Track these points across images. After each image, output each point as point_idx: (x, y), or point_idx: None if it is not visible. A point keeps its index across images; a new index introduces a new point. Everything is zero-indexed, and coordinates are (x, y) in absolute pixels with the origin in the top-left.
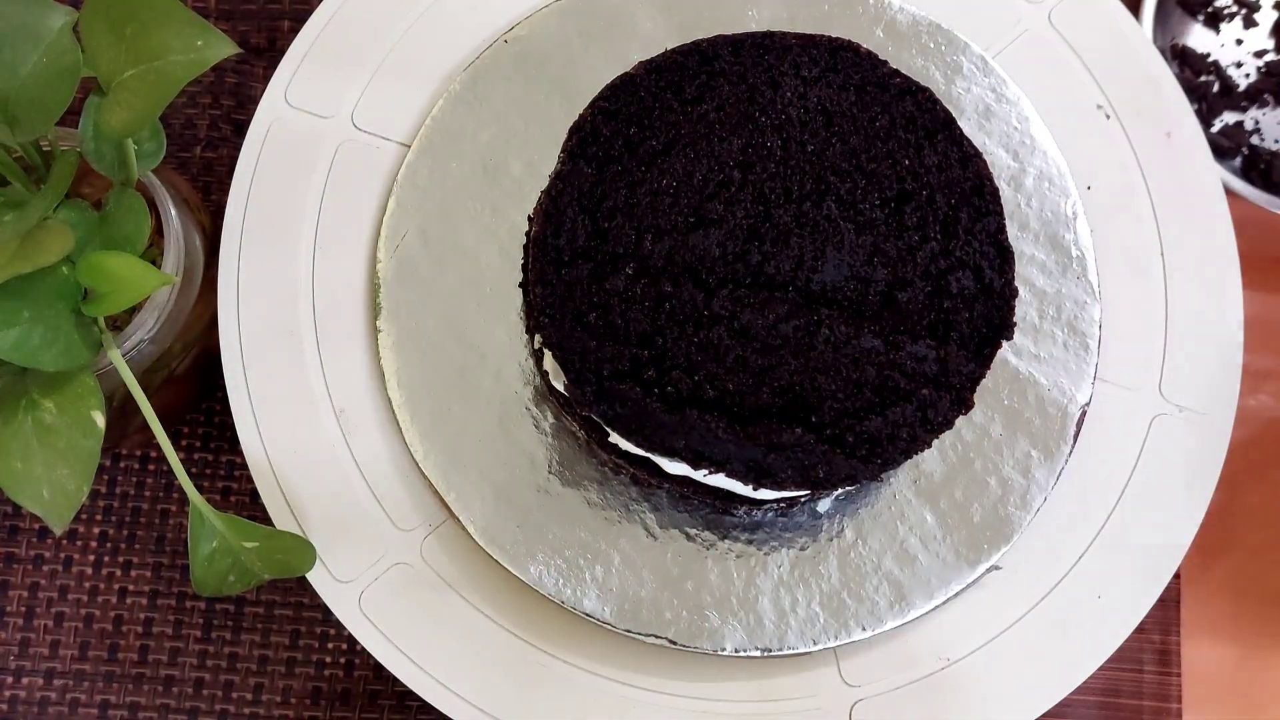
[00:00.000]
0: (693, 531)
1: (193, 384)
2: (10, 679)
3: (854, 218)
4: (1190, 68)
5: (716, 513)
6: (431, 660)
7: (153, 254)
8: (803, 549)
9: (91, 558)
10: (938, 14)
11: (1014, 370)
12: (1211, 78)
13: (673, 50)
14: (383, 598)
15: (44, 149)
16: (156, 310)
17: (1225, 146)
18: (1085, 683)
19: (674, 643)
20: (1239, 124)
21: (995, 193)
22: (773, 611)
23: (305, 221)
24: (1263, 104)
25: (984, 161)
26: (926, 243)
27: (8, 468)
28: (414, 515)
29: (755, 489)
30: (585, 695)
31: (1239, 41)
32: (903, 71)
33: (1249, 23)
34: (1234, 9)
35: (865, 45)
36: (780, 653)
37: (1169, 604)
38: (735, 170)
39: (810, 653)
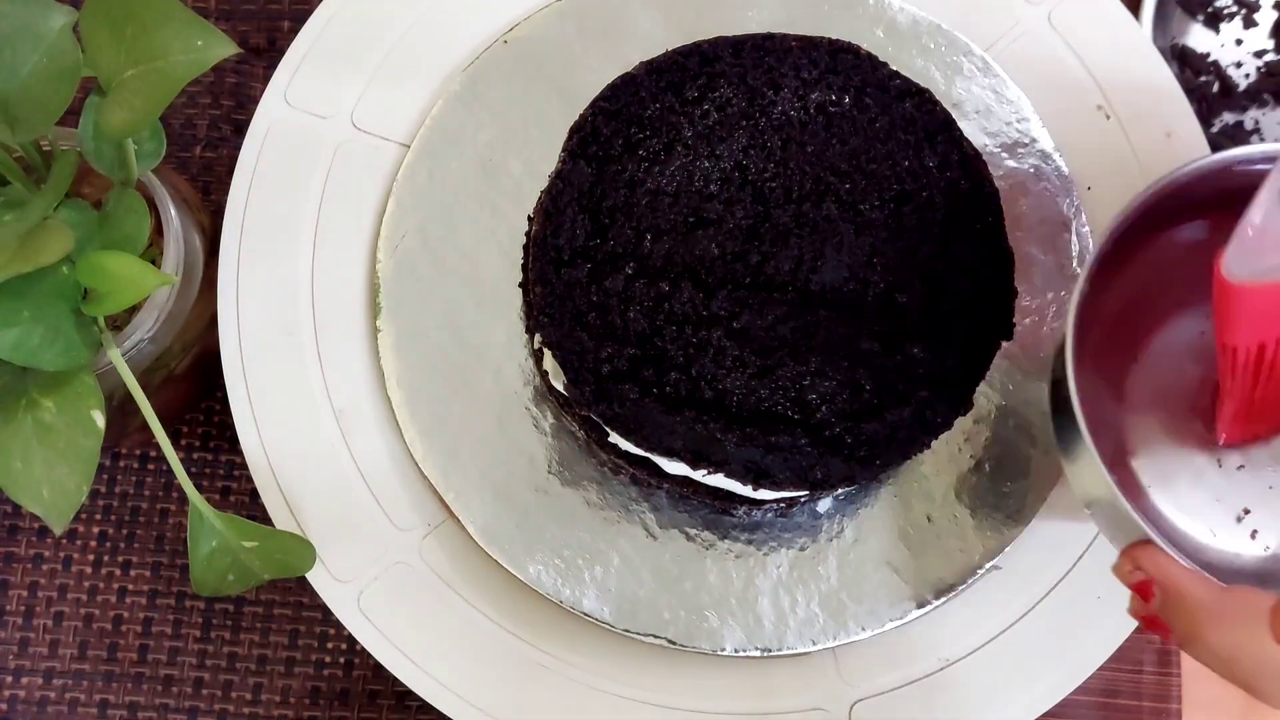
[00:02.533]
0: (692, 531)
1: (192, 384)
2: (9, 678)
3: (853, 219)
4: (1190, 68)
5: (716, 513)
6: (431, 660)
7: (152, 254)
8: (802, 549)
9: (91, 557)
10: (938, 14)
11: (1014, 370)
12: (1211, 78)
13: (673, 51)
14: (382, 597)
15: (44, 149)
16: (156, 310)
17: (1225, 146)
18: (1085, 683)
19: (673, 643)
20: (1239, 124)
21: (995, 194)
22: (772, 612)
23: (305, 221)
24: (1263, 104)
25: (984, 162)
26: (926, 244)
27: (7, 467)
28: (413, 515)
29: (754, 489)
30: (584, 695)
31: (1239, 41)
32: (902, 73)
33: (1249, 23)
34: (1234, 9)
35: (865, 46)
36: (779, 653)
37: None
38: (735, 171)
39: (809, 653)
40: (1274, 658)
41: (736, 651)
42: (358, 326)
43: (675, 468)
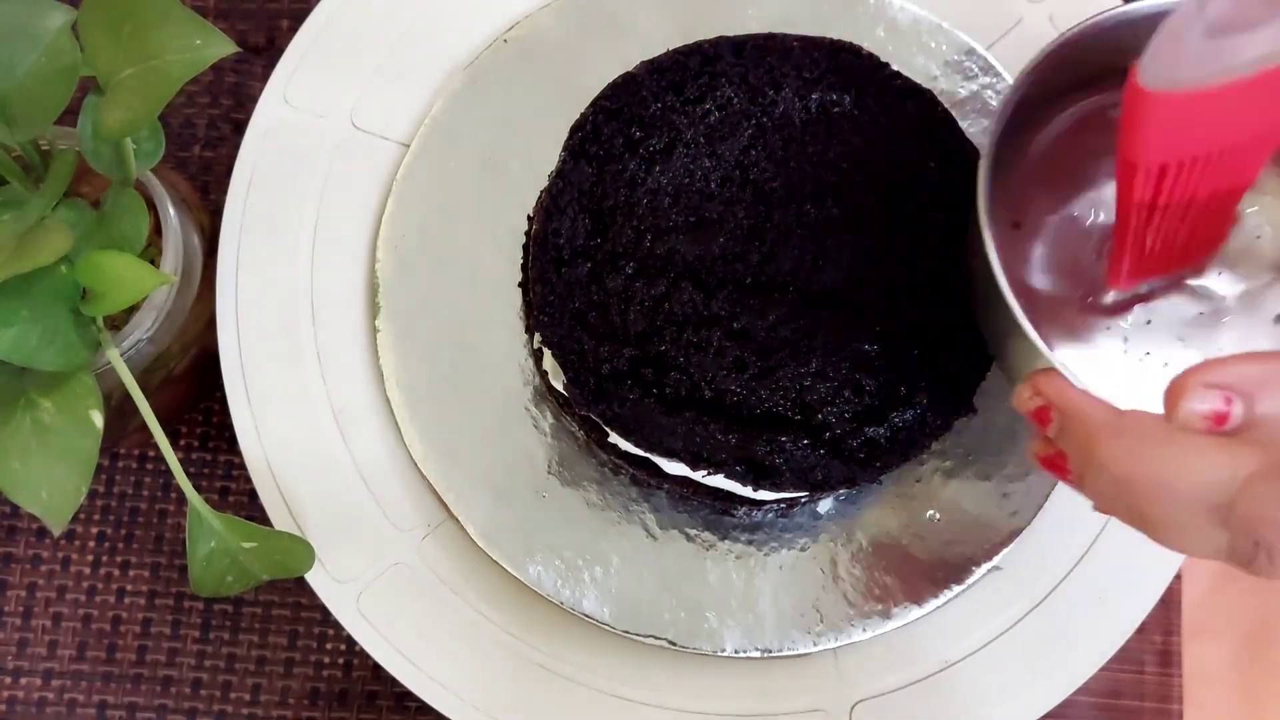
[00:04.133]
0: (692, 532)
1: (191, 384)
2: (8, 679)
3: (854, 219)
4: None
5: (716, 513)
6: (430, 661)
7: (151, 253)
8: (803, 549)
9: (89, 558)
10: (938, 13)
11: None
12: None
13: (675, 50)
14: (381, 598)
15: (42, 148)
16: (155, 310)
17: None
18: (1086, 683)
19: (673, 643)
20: None
21: None
22: (772, 612)
23: (304, 221)
24: None
25: None
26: (927, 245)
27: (6, 468)
28: (413, 515)
29: (754, 490)
30: (584, 696)
31: None
32: (903, 72)
33: None
34: None
35: (865, 44)
36: (780, 653)
37: (1170, 604)
38: (736, 170)
39: (810, 653)
40: (1167, 472)
41: (737, 652)
42: (357, 326)
43: (675, 468)
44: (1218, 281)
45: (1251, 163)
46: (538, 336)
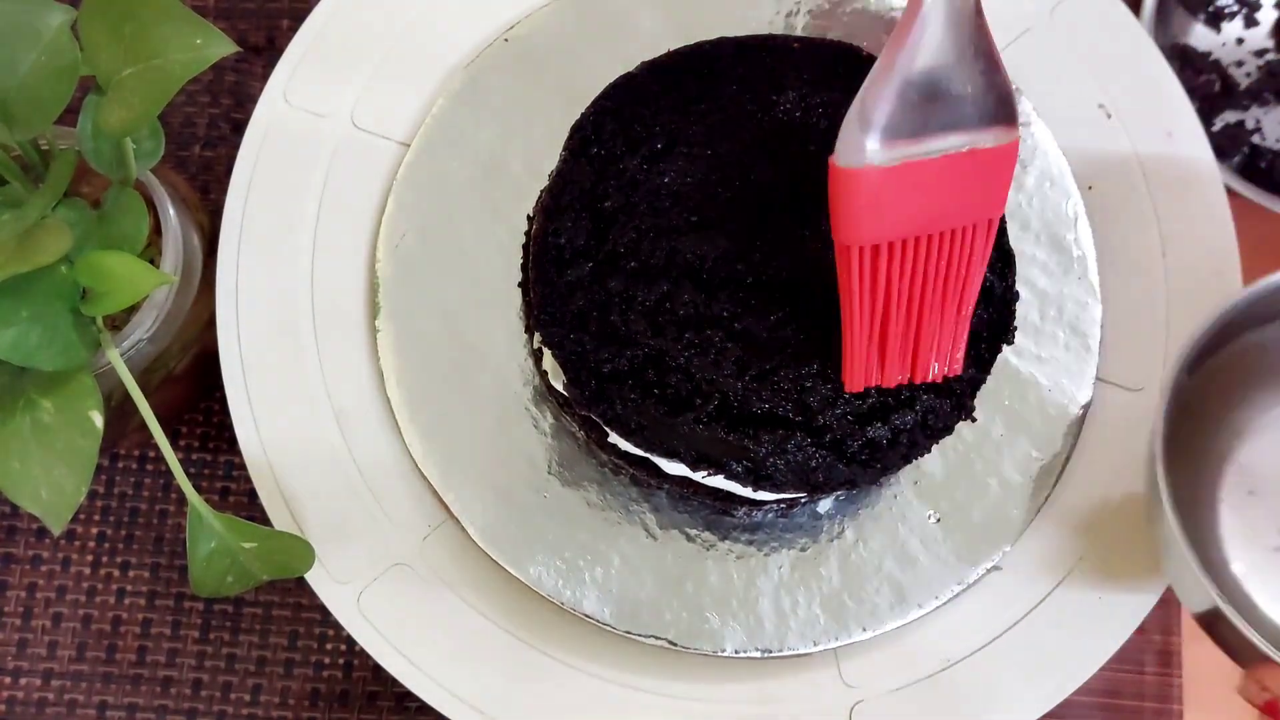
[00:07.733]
0: (693, 532)
1: (191, 384)
2: (8, 680)
3: None
4: (1191, 67)
5: (716, 513)
6: (430, 661)
7: (151, 253)
8: (803, 550)
9: (89, 558)
10: None
11: (1015, 371)
12: (1212, 77)
13: (676, 51)
14: (381, 598)
15: (42, 148)
16: (155, 310)
17: (1226, 146)
18: (1086, 683)
19: (674, 644)
20: (1240, 123)
21: None
22: (773, 612)
23: (304, 221)
24: (1264, 103)
25: None
26: None
27: (5, 468)
28: (413, 515)
29: (754, 490)
30: (585, 696)
31: (1240, 41)
32: None
33: (1250, 22)
34: (1235, 8)
35: (866, 45)
36: (780, 654)
37: (1170, 604)
38: (737, 170)
39: (810, 654)
40: None
41: (737, 653)
42: (357, 326)
43: (675, 468)
44: None
45: (965, 255)
46: (538, 336)
